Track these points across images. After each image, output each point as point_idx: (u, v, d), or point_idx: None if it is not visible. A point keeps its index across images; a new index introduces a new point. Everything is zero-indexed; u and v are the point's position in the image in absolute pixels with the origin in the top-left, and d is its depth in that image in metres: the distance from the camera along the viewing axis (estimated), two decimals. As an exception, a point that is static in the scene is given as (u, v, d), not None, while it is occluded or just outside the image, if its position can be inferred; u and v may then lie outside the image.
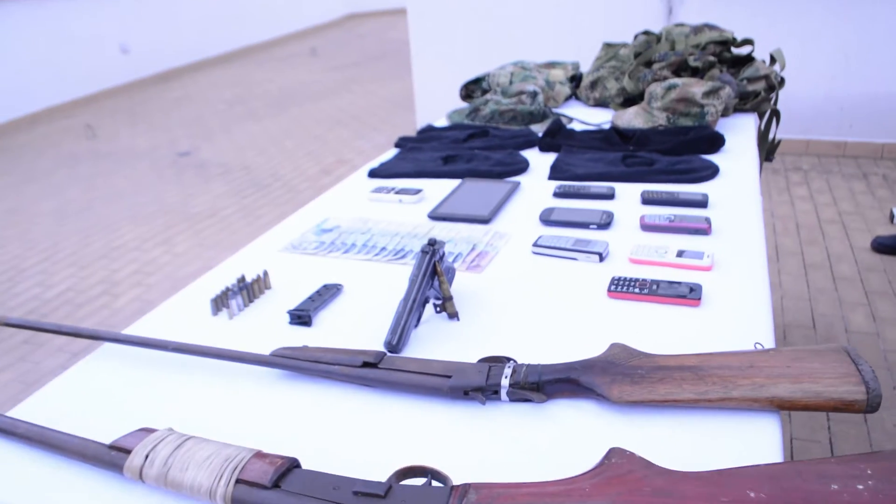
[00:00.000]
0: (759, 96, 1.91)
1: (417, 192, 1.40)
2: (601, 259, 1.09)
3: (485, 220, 1.26)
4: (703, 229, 1.16)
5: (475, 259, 1.13)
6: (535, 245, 1.13)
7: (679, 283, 0.98)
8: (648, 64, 2.03)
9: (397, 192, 1.41)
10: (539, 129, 1.85)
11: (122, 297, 3.23)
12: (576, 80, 2.22)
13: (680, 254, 1.07)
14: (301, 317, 0.98)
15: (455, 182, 1.49)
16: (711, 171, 1.43)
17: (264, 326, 1.01)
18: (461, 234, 1.22)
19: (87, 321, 3.05)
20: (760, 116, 1.99)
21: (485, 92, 2.17)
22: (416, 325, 0.94)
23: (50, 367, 2.73)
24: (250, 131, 6.05)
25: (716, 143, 1.58)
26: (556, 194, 1.37)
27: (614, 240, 1.17)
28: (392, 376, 0.80)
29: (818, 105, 3.97)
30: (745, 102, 1.91)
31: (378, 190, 1.43)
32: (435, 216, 1.30)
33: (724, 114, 1.88)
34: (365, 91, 7.32)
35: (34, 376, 2.66)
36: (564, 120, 1.93)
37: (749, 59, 2.01)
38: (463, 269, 1.10)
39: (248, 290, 1.06)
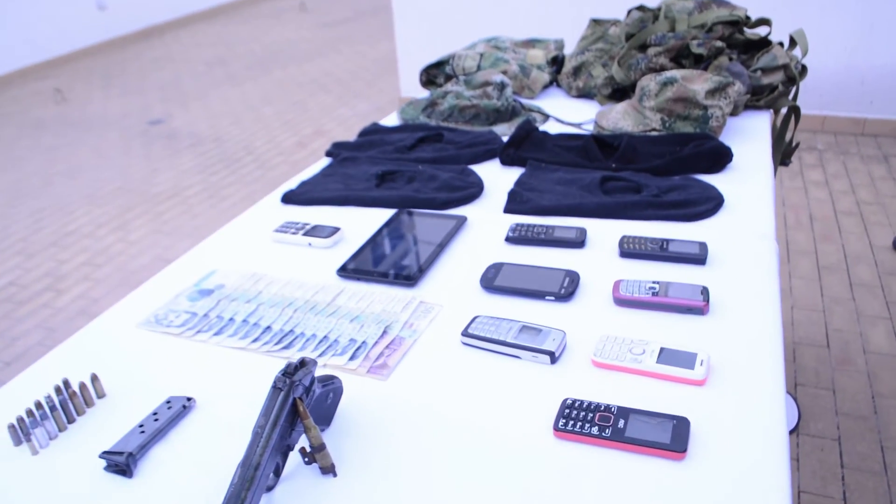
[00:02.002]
0: (777, 91, 1.57)
1: (333, 231, 1.09)
2: (553, 360, 0.79)
3: (409, 282, 0.95)
4: (698, 308, 0.85)
5: (382, 355, 0.82)
6: (465, 334, 0.83)
7: (657, 417, 0.68)
8: (643, 48, 1.68)
9: (306, 233, 1.09)
10: (506, 130, 1.53)
11: (65, 295, 2.94)
12: (558, 62, 1.88)
13: (663, 355, 0.77)
14: (118, 464, 0.69)
15: (386, 213, 1.18)
16: (714, 205, 1.11)
17: (79, 466, 0.71)
18: (373, 307, 0.91)
19: (27, 322, 2.77)
20: (776, 112, 1.66)
21: (448, 78, 1.83)
22: (272, 488, 0.65)
23: (-23, 377, 2.46)
24: (228, 97, 5.68)
25: (720, 159, 1.26)
26: (510, 239, 1.05)
27: (577, 321, 0.86)
28: None
29: (837, 78, 3.59)
30: (758, 98, 1.58)
31: (285, 227, 1.12)
32: (346, 273, 0.99)
33: (733, 112, 1.55)
34: (353, 52, 6.90)
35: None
36: (539, 118, 1.60)
37: (765, 42, 1.66)
38: (363, 371, 0.80)
39: (65, 407, 0.76)
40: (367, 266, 0.99)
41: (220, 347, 0.87)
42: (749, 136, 1.44)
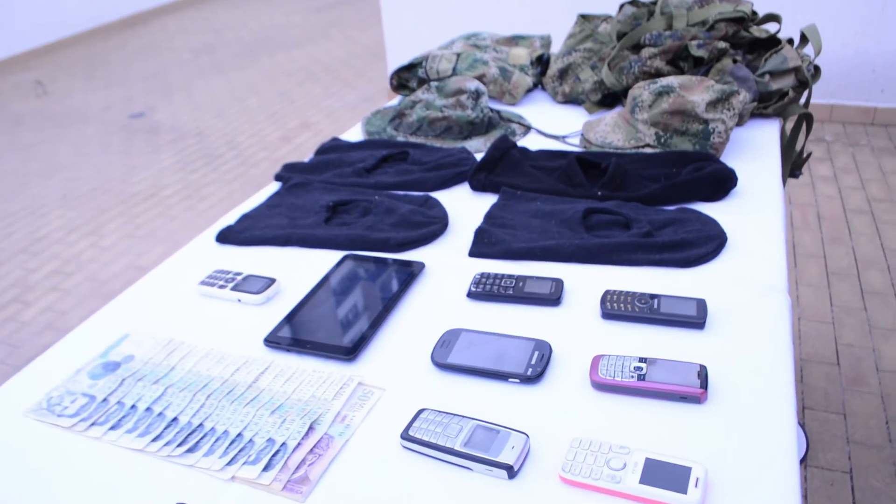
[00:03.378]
0: (787, 97, 1.40)
1: (267, 284, 0.93)
2: (511, 475, 0.63)
3: (346, 355, 0.80)
4: (695, 396, 0.70)
5: (304, 462, 0.67)
6: (405, 437, 0.67)
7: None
8: (636, 48, 1.51)
9: (236, 287, 0.93)
10: (481, 145, 1.36)
11: (32, 307, 2.79)
12: (543, 62, 1.70)
13: (648, 471, 0.61)
14: None
15: (335, 256, 1.02)
16: (715, 245, 0.95)
17: None
18: (301, 391, 0.76)
19: (-11, 337, 2.63)
20: (785, 119, 1.48)
21: (422, 83, 1.66)
22: None
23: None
24: (213, 87, 5.49)
25: (723, 185, 1.09)
26: (473, 294, 0.89)
27: (546, 412, 0.71)
28: None
29: (845, 64, 3.40)
30: (766, 105, 1.41)
31: (213, 278, 0.96)
32: (274, 344, 0.83)
33: (738, 122, 1.38)
34: (344, 37, 6.69)
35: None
36: (519, 130, 1.43)
37: (773, 41, 1.49)
38: (277, 488, 0.64)
39: None
40: (299, 334, 0.83)
41: (114, 447, 0.72)
42: (756, 150, 1.27)
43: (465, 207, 1.14)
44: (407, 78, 1.68)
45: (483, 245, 0.98)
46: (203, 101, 5.20)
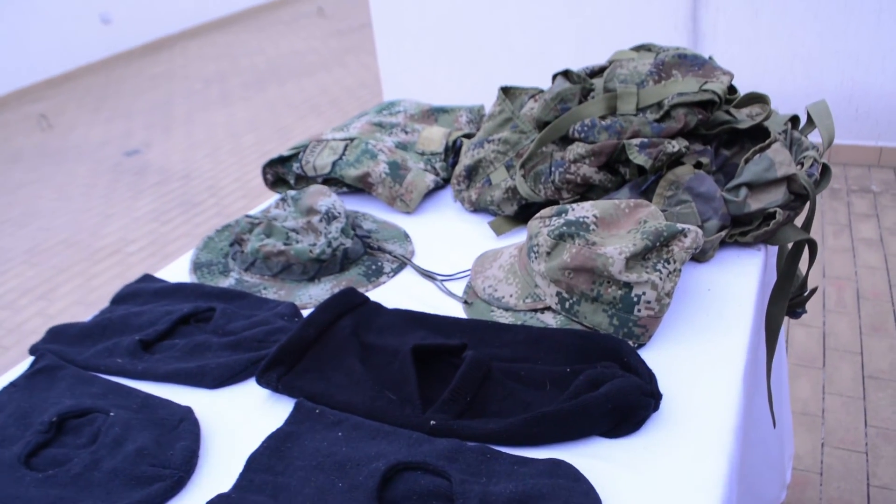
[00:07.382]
0: (774, 221, 0.96)
1: None
2: None
3: None
4: None
5: None
6: None
7: None
8: (566, 140, 1.10)
9: None
10: (326, 293, 0.98)
11: (-45, 388, 2.53)
12: (457, 150, 1.30)
13: None
14: None
15: (-2, 538, 0.65)
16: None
17: None
18: None
19: None
20: (780, 244, 1.05)
21: (300, 181, 1.29)
22: None
23: None
24: (214, 121, 5.25)
25: (629, 416, 0.68)
26: None
27: None
28: None
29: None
30: (743, 231, 0.98)
31: None
32: None
33: (699, 258, 0.97)
34: (358, 64, 6.40)
35: None
36: (390, 266, 1.04)
37: (761, 131, 1.06)
38: None
39: None
40: None
41: None
42: (717, 312, 0.86)
43: (255, 419, 0.75)
44: (284, 173, 1.31)
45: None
46: (200, 137, 4.96)
